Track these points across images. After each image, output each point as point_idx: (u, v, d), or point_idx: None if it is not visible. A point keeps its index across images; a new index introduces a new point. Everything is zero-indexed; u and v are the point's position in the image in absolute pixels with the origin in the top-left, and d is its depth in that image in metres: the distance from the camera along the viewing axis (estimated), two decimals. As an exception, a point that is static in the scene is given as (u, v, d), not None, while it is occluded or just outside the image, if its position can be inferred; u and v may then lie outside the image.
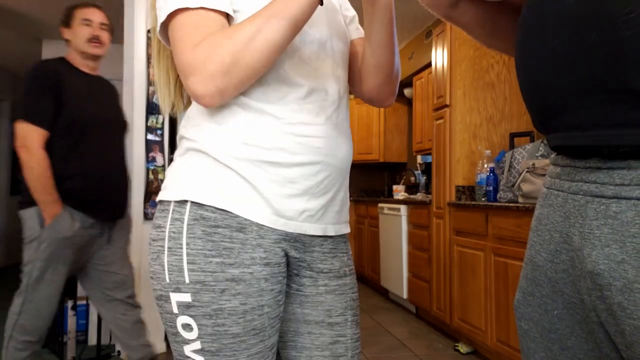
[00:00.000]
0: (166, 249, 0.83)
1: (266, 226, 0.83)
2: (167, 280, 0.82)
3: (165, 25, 0.83)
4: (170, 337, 0.85)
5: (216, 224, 0.81)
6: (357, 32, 1.05)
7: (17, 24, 4.52)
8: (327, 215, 0.90)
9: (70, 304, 2.83)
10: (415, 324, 3.82)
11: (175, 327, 0.83)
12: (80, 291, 2.97)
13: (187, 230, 0.81)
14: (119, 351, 2.96)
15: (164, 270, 0.82)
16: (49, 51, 4.96)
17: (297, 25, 0.79)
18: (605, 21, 0.53)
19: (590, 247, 0.58)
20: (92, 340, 3.02)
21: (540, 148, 2.75)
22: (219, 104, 0.80)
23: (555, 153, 0.68)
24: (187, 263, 0.80)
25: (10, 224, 6.41)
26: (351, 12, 1.06)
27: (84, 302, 3.05)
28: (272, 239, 0.84)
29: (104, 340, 2.95)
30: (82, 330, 3.08)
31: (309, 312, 0.93)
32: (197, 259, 0.80)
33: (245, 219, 0.82)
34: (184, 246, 0.81)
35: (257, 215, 0.83)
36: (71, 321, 2.84)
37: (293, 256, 0.89)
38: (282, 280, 0.86)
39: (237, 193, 0.82)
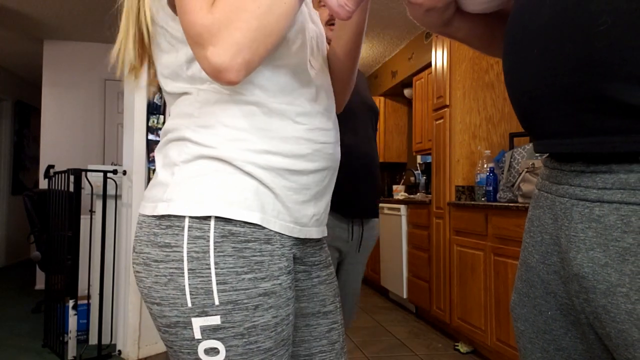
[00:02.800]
0: (186, 271, 0.73)
1: (286, 235, 0.80)
2: (189, 305, 0.73)
3: None
4: None
5: (246, 239, 0.75)
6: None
7: (18, 24, 4.53)
8: (326, 217, 0.91)
9: (71, 303, 2.84)
10: (415, 323, 3.82)
11: (196, 353, 0.75)
12: (81, 291, 2.98)
13: (215, 249, 0.73)
14: (119, 350, 2.97)
15: (183, 294, 0.73)
16: (50, 51, 4.97)
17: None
18: (580, 32, 0.54)
19: (575, 250, 0.59)
20: (93, 339, 3.03)
21: (540, 148, 2.76)
22: (242, 80, 0.68)
23: (547, 155, 0.69)
24: (217, 284, 0.73)
25: (11, 223, 6.41)
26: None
27: (85, 301, 3.06)
28: (289, 246, 0.81)
29: (105, 340, 2.96)
30: (83, 329, 3.08)
31: (305, 305, 0.91)
32: (228, 278, 0.73)
33: (271, 230, 0.77)
34: (212, 266, 0.73)
35: (280, 225, 0.79)
36: (72, 321, 2.84)
37: (295, 256, 0.87)
38: (294, 285, 0.85)
39: (262, 205, 0.77)
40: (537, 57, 0.59)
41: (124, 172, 2.98)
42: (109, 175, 2.95)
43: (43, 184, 4.27)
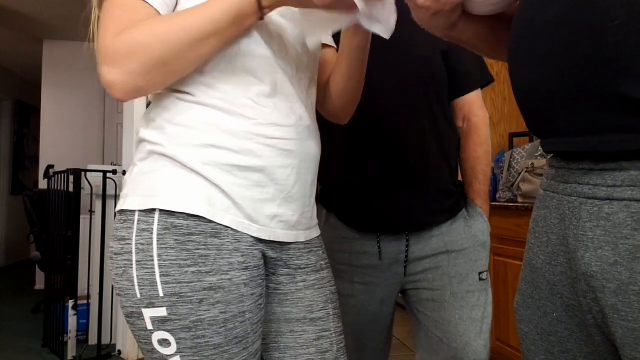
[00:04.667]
0: (134, 263, 0.76)
1: (242, 231, 0.80)
2: (138, 296, 0.76)
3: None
4: (146, 355, 0.79)
5: (190, 232, 0.76)
6: (327, 38, 1.02)
7: (18, 24, 4.52)
8: (300, 221, 0.88)
9: (71, 303, 2.84)
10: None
11: (151, 344, 0.77)
12: (81, 290, 2.98)
13: (158, 241, 0.75)
14: (119, 350, 2.96)
15: (133, 285, 0.76)
16: (50, 51, 4.96)
17: (227, 39, 0.76)
18: (592, 28, 0.53)
19: (584, 249, 0.58)
20: (93, 339, 3.02)
21: (540, 148, 2.76)
22: (130, 99, 0.75)
23: (551, 155, 0.68)
24: (160, 275, 0.75)
25: (11, 223, 6.41)
26: None
27: (85, 301, 3.06)
28: (249, 241, 0.80)
29: (105, 340, 2.96)
30: (83, 329, 3.08)
31: (289, 310, 0.90)
32: (171, 270, 0.75)
33: (219, 224, 0.78)
34: (155, 258, 0.75)
35: (231, 220, 0.79)
36: (72, 321, 2.84)
37: (270, 256, 0.86)
38: (262, 283, 0.83)
39: (208, 198, 0.78)
40: (546, 54, 0.59)
41: (124, 172, 2.98)
42: (108, 175, 2.95)
43: (43, 184, 4.26)
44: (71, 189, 2.86)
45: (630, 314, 0.53)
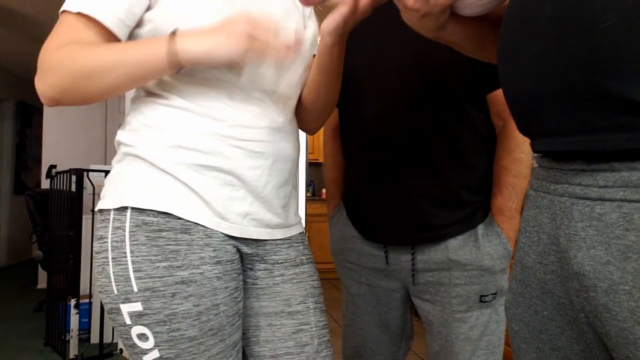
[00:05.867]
0: (110, 260, 0.79)
1: (211, 228, 0.82)
2: (115, 292, 0.79)
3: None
4: (128, 350, 0.83)
5: (159, 228, 0.79)
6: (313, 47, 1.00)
7: (19, 24, 4.53)
8: (275, 220, 0.90)
9: (73, 302, 2.85)
10: (415, 323, 3.81)
11: (131, 338, 0.80)
12: (83, 290, 2.99)
13: (130, 238, 0.78)
14: (121, 349, 2.98)
15: (110, 282, 0.79)
16: (51, 51, 4.97)
17: (144, 79, 0.79)
18: (584, 28, 0.53)
19: (576, 248, 0.59)
20: (95, 338, 3.04)
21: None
22: (54, 106, 0.81)
23: (541, 155, 0.69)
24: (133, 271, 0.78)
25: (13, 223, 6.43)
26: (313, 23, 1.01)
27: (87, 300, 3.07)
28: (220, 237, 0.83)
29: (107, 339, 2.97)
30: (85, 328, 3.09)
31: (266, 304, 0.92)
32: (143, 265, 0.78)
33: (188, 221, 0.80)
34: (128, 254, 0.78)
35: (200, 217, 0.81)
36: (74, 319, 2.85)
37: (245, 252, 0.88)
38: (237, 277, 0.85)
39: (177, 196, 0.80)
40: (538, 55, 0.59)
41: (125, 172, 2.98)
42: (110, 175, 2.95)
43: (45, 184, 4.28)
44: (73, 188, 2.87)
45: (620, 314, 0.54)
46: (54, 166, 3.53)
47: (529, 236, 0.68)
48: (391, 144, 1.12)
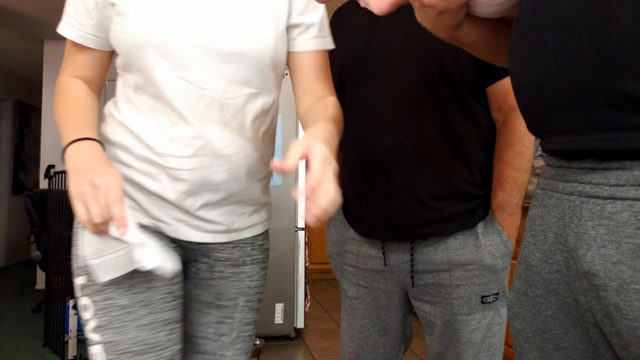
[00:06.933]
0: (74, 244, 0.96)
1: (148, 225, 0.95)
2: (75, 270, 0.95)
3: None
4: (84, 326, 0.96)
5: None
6: (306, 43, 0.99)
7: (19, 24, 4.53)
8: (213, 228, 0.98)
9: (71, 303, 2.84)
10: (415, 323, 3.82)
11: (82, 311, 0.94)
12: (82, 291, 2.98)
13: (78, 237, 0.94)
14: (119, 350, 2.97)
15: (76, 262, 0.95)
16: (51, 51, 4.97)
17: None
18: (599, 26, 0.53)
19: (585, 247, 0.58)
20: (93, 339, 3.03)
21: (539, 148, 2.76)
22: None
23: (549, 154, 0.69)
24: (82, 250, 0.92)
25: (12, 223, 6.42)
26: (307, 19, 0.99)
27: (85, 301, 3.06)
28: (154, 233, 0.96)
29: (105, 340, 2.96)
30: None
31: (200, 292, 1.03)
32: (89, 245, 0.90)
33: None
34: (80, 235, 0.93)
35: (137, 217, 0.93)
36: (72, 320, 2.85)
37: (187, 247, 1.00)
38: (175, 259, 0.95)
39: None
40: (551, 52, 0.58)
41: (124, 172, 2.98)
42: (109, 175, 2.94)
43: (43, 183, 4.27)
44: (72, 188, 2.86)
45: (631, 312, 0.54)
46: (53, 166, 3.52)
47: (534, 235, 0.68)
48: (389, 136, 1.10)
